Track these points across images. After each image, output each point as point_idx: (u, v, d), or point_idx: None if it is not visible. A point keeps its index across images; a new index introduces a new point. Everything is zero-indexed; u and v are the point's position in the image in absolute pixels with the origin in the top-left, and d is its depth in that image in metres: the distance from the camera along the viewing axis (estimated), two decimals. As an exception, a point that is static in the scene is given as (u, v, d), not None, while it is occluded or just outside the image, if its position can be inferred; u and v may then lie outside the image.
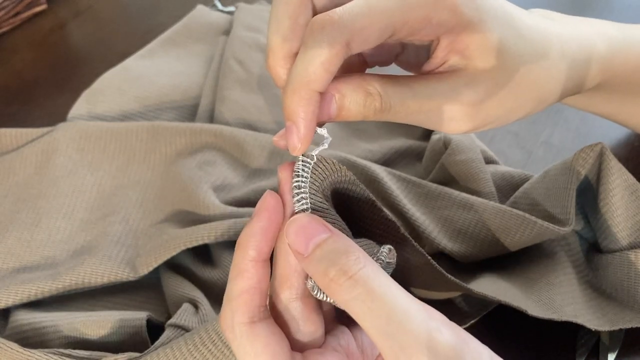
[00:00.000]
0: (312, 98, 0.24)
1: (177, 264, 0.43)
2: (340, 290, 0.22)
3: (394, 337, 0.21)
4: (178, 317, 0.37)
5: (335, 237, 0.23)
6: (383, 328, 0.21)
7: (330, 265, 0.22)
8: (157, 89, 0.57)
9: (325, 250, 0.23)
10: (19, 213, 0.47)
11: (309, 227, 0.24)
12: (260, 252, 0.25)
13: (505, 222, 0.38)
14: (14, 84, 0.62)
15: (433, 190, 0.42)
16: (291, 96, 0.24)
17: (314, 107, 0.24)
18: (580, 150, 0.36)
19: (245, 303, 0.24)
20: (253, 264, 0.24)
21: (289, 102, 0.24)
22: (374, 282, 0.22)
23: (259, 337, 0.24)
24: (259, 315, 0.24)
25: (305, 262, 0.23)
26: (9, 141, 0.52)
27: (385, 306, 0.21)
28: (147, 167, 0.50)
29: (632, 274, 0.36)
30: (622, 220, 0.36)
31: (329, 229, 0.24)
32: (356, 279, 0.22)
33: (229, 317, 0.25)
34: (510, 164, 0.48)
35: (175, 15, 0.67)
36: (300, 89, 0.23)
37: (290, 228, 0.24)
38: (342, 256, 0.23)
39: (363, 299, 0.22)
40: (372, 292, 0.22)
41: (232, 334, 0.24)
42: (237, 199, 0.46)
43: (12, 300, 0.40)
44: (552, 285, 0.36)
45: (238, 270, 0.25)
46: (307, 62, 0.23)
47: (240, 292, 0.24)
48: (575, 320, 0.34)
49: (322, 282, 0.23)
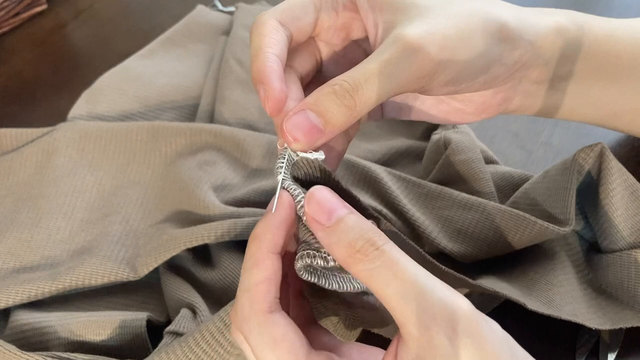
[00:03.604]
0: (268, 57, 0.27)
1: (176, 264, 0.43)
2: (365, 260, 0.23)
3: (418, 300, 0.22)
4: (176, 324, 0.37)
5: (356, 214, 0.24)
6: (408, 292, 0.22)
7: (358, 238, 0.23)
8: (157, 89, 0.57)
9: (350, 224, 0.24)
10: (19, 213, 0.47)
11: (330, 200, 0.25)
12: (276, 245, 0.25)
13: (506, 222, 0.38)
14: (14, 84, 0.62)
15: (433, 190, 0.42)
16: (253, 63, 0.27)
17: (271, 64, 0.27)
18: (580, 150, 0.36)
19: (263, 292, 0.25)
20: (270, 255, 0.25)
21: (252, 68, 0.27)
22: (398, 252, 0.23)
23: (277, 326, 0.24)
24: (276, 305, 0.25)
25: (327, 231, 0.24)
26: (9, 141, 0.52)
27: (409, 272, 0.22)
28: (147, 167, 0.50)
29: (632, 274, 0.36)
30: (622, 220, 0.36)
31: (347, 206, 0.25)
32: (382, 250, 0.23)
33: (246, 306, 0.25)
34: (510, 164, 0.48)
35: (175, 15, 0.67)
36: (257, 55, 0.27)
37: (313, 198, 0.25)
38: (368, 230, 0.23)
39: (388, 267, 0.22)
40: (398, 260, 0.23)
41: (248, 324, 0.24)
42: (237, 199, 0.46)
43: (12, 300, 0.40)
44: (551, 285, 0.36)
45: (254, 260, 0.25)
46: (255, 38, 0.28)
47: (258, 282, 0.25)
48: (575, 320, 0.34)
49: (345, 252, 0.23)
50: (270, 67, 0.27)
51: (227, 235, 0.41)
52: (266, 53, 0.27)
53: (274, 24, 0.28)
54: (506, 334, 0.23)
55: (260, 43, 0.28)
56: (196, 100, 0.57)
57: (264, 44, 0.27)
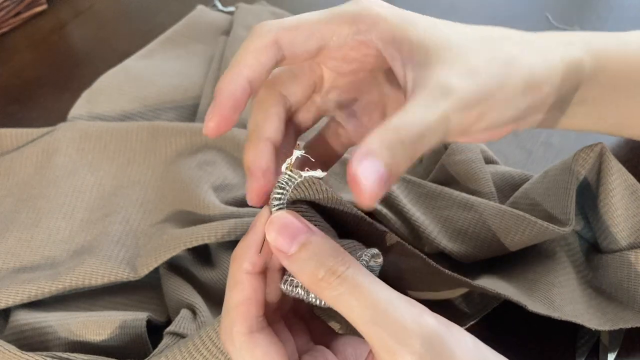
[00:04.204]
0: (237, 80, 0.26)
1: (176, 264, 0.43)
2: (329, 288, 0.23)
3: (382, 325, 0.22)
4: (176, 325, 0.37)
5: (318, 236, 0.24)
6: (371, 317, 0.22)
7: (319, 266, 0.23)
8: (157, 89, 0.57)
9: (311, 250, 0.24)
10: (19, 213, 0.47)
11: (291, 226, 0.24)
12: (255, 265, 0.26)
13: (505, 222, 0.38)
14: (14, 84, 0.62)
15: (433, 190, 0.42)
16: (223, 76, 0.27)
17: (235, 88, 0.26)
18: (580, 151, 0.36)
19: (242, 314, 0.25)
20: (248, 276, 0.25)
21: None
22: (359, 277, 0.23)
23: (258, 347, 0.25)
24: (257, 325, 0.25)
25: (290, 260, 0.24)
26: (9, 141, 0.52)
27: (371, 297, 0.22)
28: (147, 167, 0.50)
29: (632, 275, 0.36)
30: (622, 220, 0.36)
31: (309, 227, 0.25)
32: (344, 277, 0.23)
33: (228, 328, 0.25)
34: (510, 164, 0.48)
35: (175, 15, 0.67)
36: (230, 70, 0.26)
37: (272, 226, 0.24)
38: (329, 257, 0.23)
39: (350, 293, 0.22)
40: (358, 286, 0.23)
41: (232, 345, 0.25)
42: (238, 199, 0.46)
43: (12, 300, 0.40)
44: (551, 286, 0.36)
45: (234, 282, 0.26)
46: (241, 50, 0.27)
47: (237, 303, 0.25)
48: (575, 320, 0.34)
49: (310, 281, 0.23)
50: (232, 91, 0.26)
51: (227, 236, 0.41)
52: (238, 74, 0.26)
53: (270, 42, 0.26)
54: (478, 345, 0.23)
55: (240, 58, 0.26)
56: (196, 100, 0.57)
57: (243, 61, 0.26)
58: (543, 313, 0.34)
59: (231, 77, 0.26)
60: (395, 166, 0.23)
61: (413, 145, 0.23)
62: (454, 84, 0.25)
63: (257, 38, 0.27)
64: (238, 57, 0.27)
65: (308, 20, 0.27)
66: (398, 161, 0.23)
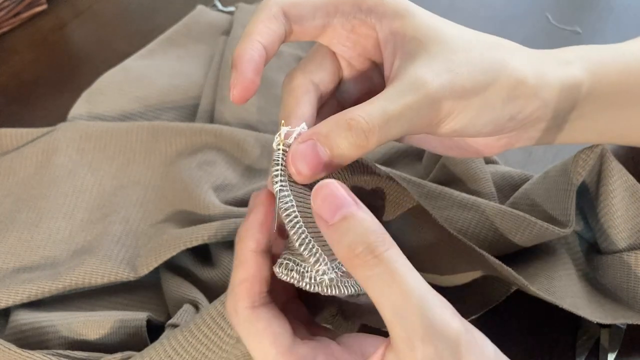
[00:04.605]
0: (253, 45, 0.27)
1: (176, 264, 0.43)
2: (363, 266, 0.22)
3: (407, 319, 0.21)
4: (178, 317, 0.37)
5: (363, 211, 0.23)
6: (399, 309, 0.21)
7: (358, 241, 0.22)
8: (157, 89, 0.57)
9: (353, 224, 0.23)
10: (19, 213, 0.47)
11: (337, 196, 0.23)
12: (259, 243, 0.27)
13: (506, 222, 0.38)
14: (14, 84, 0.62)
15: (433, 190, 0.42)
16: (237, 46, 0.27)
17: (252, 52, 0.26)
18: (580, 152, 0.36)
19: (246, 290, 0.26)
20: (252, 254, 0.26)
21: (234, 50, 0.27)
22: (397, 263, 0.22)
23: (260, 320, 0.26)
24: (260, 300, 0.26)
25: (330, 229, 0.23)
26: (9, 141, 0.52)
27: (405, 287, 0.22)
28: (147, 167, 0.50)
29: (632, 277, 0.36)
30: (622, 221, 0.36)
31: (355, 201, 0.24)
32: (381, 258, 0.22)
33: (232, 303, 0.27)
34: (510, 164, 0.48)
35: (175, 16, 0.67)
36: (243, 39, 0.27)
37: (319, 193, 0.24)
38: (370, 234, 0.22)
39: (384, 278, 0.22)
40: (394, 272, 0.22)
41: (236, 318, 0.26)
42: (237, 198, 0.46)
43: (12, 300, 0.40)
44: (552, 279, 0.36)
45: (239, 260, 0.27)
46: (251, 21, 0.27)
47: (241, 280, 0.26)
48: (576, 312, 0.34)
49: (346, 255, 0.23)
50: (250, 56, 0.26)
51: (227, 236, 0.41)
52: (252, 40, 0.27)
53: (277, 11, 0.27)
54: (499, 355, 0.23)
55: (252, 28, 0.27)
56: (196, 100, 0.57)
57: (255, 30, 0.27)
58: (545, 297, 0.33)
59: (247, 43, 0.27)
60: (338, 151, 0.24)
61: (364, 134, 0.24)
62: (427, 79, 0.26)
63: (265, 9, 0.27)
64: (249, 27, 0.27)
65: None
66: (342, 148, 0.24)
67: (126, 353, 0.35)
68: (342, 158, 0.25)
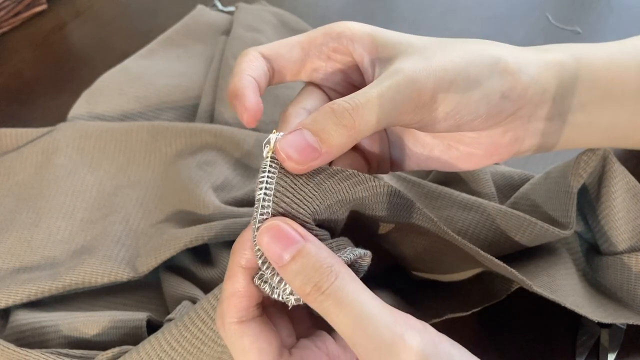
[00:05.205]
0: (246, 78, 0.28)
1: (176, 264, 0.43)
2: (315, 302, 0.24)
3: (360, 344, 0.23)
4: (177, 313, 0.37)
5: (308, 246, 0.24)
6: (351, 335, 0.23)
7: (305, 282, 0.24)
8: (157, 89, 0.57)
9: (299, 264, 0.24)
10: (19, 213, 0.47)
11: (282, 236, 0.25)
12: (250, 261, 0.27)
13: (506, 223, 0.38)
14: (14, 84, 0.62)
15: (433, 190, 0.42)
16: (230, 84, 0.29)
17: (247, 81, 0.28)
18: (582, 153, 0.36)
19: (233, 305, 0.26)
20: (242, 270, 0.27)
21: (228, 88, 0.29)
22: (342, 292, 0.24)
23: (246, 335, 0.26)
24: (248, 315, 0.27)
25: (281, 271, 0.25)
26: (9, 141, 0.52)
27: (352, 314, 0.23)
28: (147, 167, 0.50)
29: (632, 278, 0.36)
30: (622, 223, 0.36)
31: (300, 234, 0.25)
32: (327, 294, 0.24)
33: (220, 316, 0.27)
34: (510, 164, 0.48)
35: (175, 16, 0.67)
36: (234, 77, 0.29)
37: (264, 236, 0.25)
38: (315, 272, 0.24)
39: (333, 310, 0.23)
40: (340, 302, 0.23)
41: (224, 332, 0.27)
42: (237, 198, 0.46)
43: (12, 300, 0.40)
44: (553, 278, 0.36)
45: (228, 275, 0.27)
46: (235, 67, 0.29)
47: (229, 295, 0.27)
48: (578, 311, 0.34)
49: (300, 293, 0.24)
50: (245, 83, 0.28)
51: (227, 236, 0.41)
52: (242, 75, 0.28)
53: (256, 54, 0.30)
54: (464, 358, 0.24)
55: (238, 69, 0.29)
56: (196, 100, 0.57)
57: (241, 69, 0.29)
58: (547, 295, 0.33)
59: (239, 77, 0.28)
60: (325, 134, 0.25)
61: (347, 112, 0.25)
62: (405, 67, 0.27)
63: (245, 55, 0.30)
64: (235, 69, 0.29)
65: (287, 39, 0.31)
66: (328, 131, 0.25)
67: (123, 347, 0.35)
68: (331, 143, 0.25)
